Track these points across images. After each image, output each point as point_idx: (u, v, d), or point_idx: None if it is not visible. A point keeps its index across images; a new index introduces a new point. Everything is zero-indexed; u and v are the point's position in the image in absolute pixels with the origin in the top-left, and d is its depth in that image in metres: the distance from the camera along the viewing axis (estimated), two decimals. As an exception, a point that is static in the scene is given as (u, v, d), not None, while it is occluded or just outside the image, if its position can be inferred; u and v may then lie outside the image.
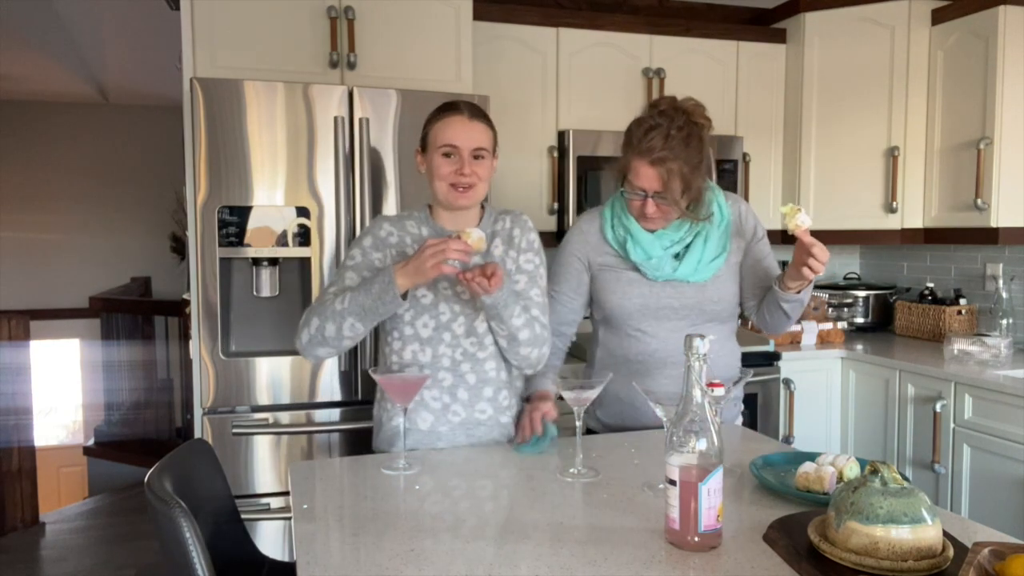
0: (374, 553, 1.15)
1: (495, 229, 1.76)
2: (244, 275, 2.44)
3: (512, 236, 1.76)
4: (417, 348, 1.69)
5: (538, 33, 3.07)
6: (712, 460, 1.12)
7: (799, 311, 1.78)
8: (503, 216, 1.79)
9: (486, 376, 1.72)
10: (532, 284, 1.73)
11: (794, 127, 3.39)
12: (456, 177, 1.65)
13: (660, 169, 1.67)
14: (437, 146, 1.66)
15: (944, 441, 2.72)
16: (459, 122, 1.66)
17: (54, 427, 6.96)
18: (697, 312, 1.82)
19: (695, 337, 1.18)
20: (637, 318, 1.82)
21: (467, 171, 1.64)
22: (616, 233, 1.83)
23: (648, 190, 1.71)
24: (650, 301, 1.81)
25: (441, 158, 1.65)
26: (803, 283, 1.70)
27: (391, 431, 1.74)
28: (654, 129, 1.68)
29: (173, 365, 5.44)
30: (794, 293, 1.72)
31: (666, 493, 1.16)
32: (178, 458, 1.47)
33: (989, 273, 3.26)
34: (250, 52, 2.47)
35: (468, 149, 1.65)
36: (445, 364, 1.69)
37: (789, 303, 1.75)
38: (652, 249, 1.78)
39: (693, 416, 1.14)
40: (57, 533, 3.95)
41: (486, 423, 1.73)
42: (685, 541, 1.14)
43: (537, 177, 3.09)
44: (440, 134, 1.66)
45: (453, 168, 1.65)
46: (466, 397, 1.71)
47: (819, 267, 1.60)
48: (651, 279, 1.80)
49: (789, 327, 1.86)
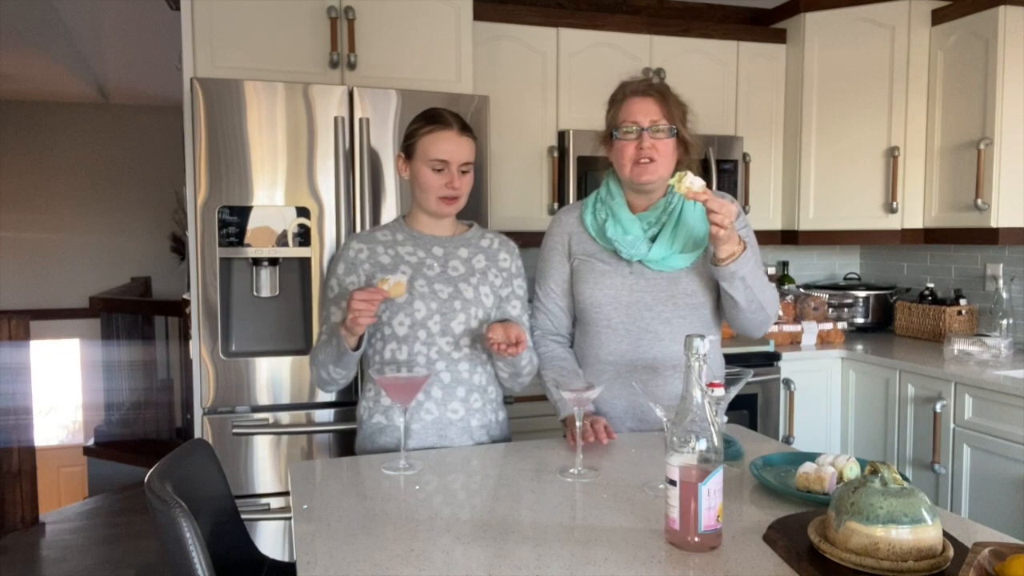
0: (374, 553, 1.15)
1: (480, 244, 1.82)
2: (244, 275, 2.44)
3: (498, 258, 1.82)
4: (395, 346, 1.73)
5: (538, 33, 3.07)
6: (712, 460, 1.12)
7: (745, 295, 1.67)
8: (490, 235, 1.85)
9: (460, 376, 1.75)
10: (525, 310, 1.85)
11: (794, 127, 3.39)
12: (445, 190, 1.71)
13: (656, 97, 1.70)
14: (427, 159, 1.70)
15: (944, 441, 2.72)
16: (449, 138, 1.70)
17: (54, 427, 6.96)
18: (671, 306, 1.75)
19: (695, 337, 1.18)
20: (608, 310, 1.78)
21: (456, 184, 1.71)
22: (596, 217, 1.80)
23: (643, 122, 1.69)
24: (622, 293, 1.77)
25: (430, 172, 1.71)
26: (731, 249, 1.61)
27: (371, 428, 1.78)
28: (637, 80, 1.77)
29: (173, 365, 5.44)
30: (725, 266, 1.62)
31: (666, 493, 1.16)
32: (178, 458, 1.47)
33: (989, 273, 3.26)
34: (250, 52, 2.47)
35: (457, 164, 1.71)
36: (420, 362, 1.72)
37: (727, 281, 1.65)
38: (631, 227, 1.74)
39: (693, 416, 1.14)
40: (57, 533, 3.95)
41: (457, 424, 1.75)
42: (685, 541, 1.14)
43: (537, 177, 3.09)
44: (430, 148, 1.70)
45: (443, 182, 1.71)
46: (439, 396, 1.74)
47: (722, 219, 1.53)
48: (625, 259, 1.76)
49: (752, 323, 1.74)
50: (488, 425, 1.80)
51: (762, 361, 2.96)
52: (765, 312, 1.73)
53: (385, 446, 1.75)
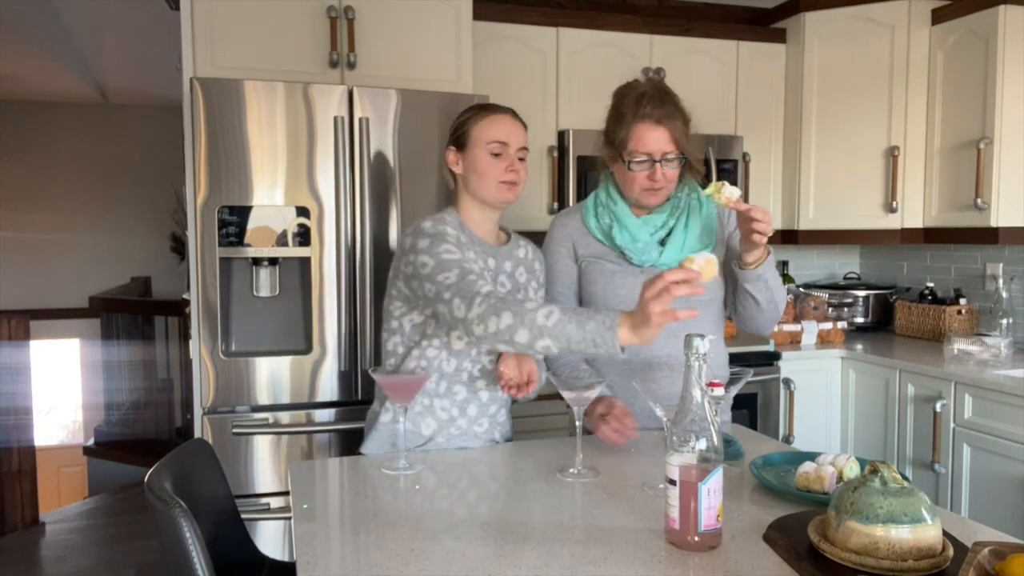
0: (374, 553, 1.15)
1: (519, 255, 1.77)
2: (244, 275, 2.44)
3: (535, 268, 1.79)
4: (445, 357, 1.66)
5: (538, 33, 3.07)
6: (712, 460, 1.12)
7: (766, 295, 1.72)
8: (523, 243, 1.80)
9: (496, 395, 1.73)
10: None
11: (794, 127, 3.39)
12: (507, 174, 1.64)
13: (668, 126, 1.65)
14: (485, 142, 1.64)
15: (944, 441, 2.72)
16: (507, 120, 1.67)
17: (54, 427, 6.96)
18: (682, 303, 1.72)
19: (695, 337, 1.18)
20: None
21: (516, 167, 1.65)
22: (600, 221, 1.79)
23: (656, 153, 1.66)
24: (635, 293, 1.74)
25: (489, 156, 1.64)
26: (760, 254, 1.66)
27: (391, 431, 1.72)
28: (645, 95, 1.66)
29: (173, 365, 5.44)
30: (752, 269, 1.67)
31: (666, 493, 1.16)
32: (178, 458, 1.47)
33: (989, 273, 3.26)
34: (250, 52, 2.47)
35: (516, 147, 1.66)
36: (463, 378, 1.69)
37: (752, 283, 1.70)
38: (639, 233, 1.74)
39: (693, 416, 1.14)
40: (57, 533, 3.95)
41: (480, 436, 1.74)
42: (685, 541, 1.14)
43: (537, 177, 3.09)
44: (487, 131, 1.64)
45: (503, 165, 1.64)
46: (474, 413, 1.71)
47: (765, 227, 1.56)
48: (636, 264, 1.76)
49: (767, 321, 1.79)
50: (503, 434, 1.80)
51: (762, 361, 2.96)
52: (778, 311, 1.78)
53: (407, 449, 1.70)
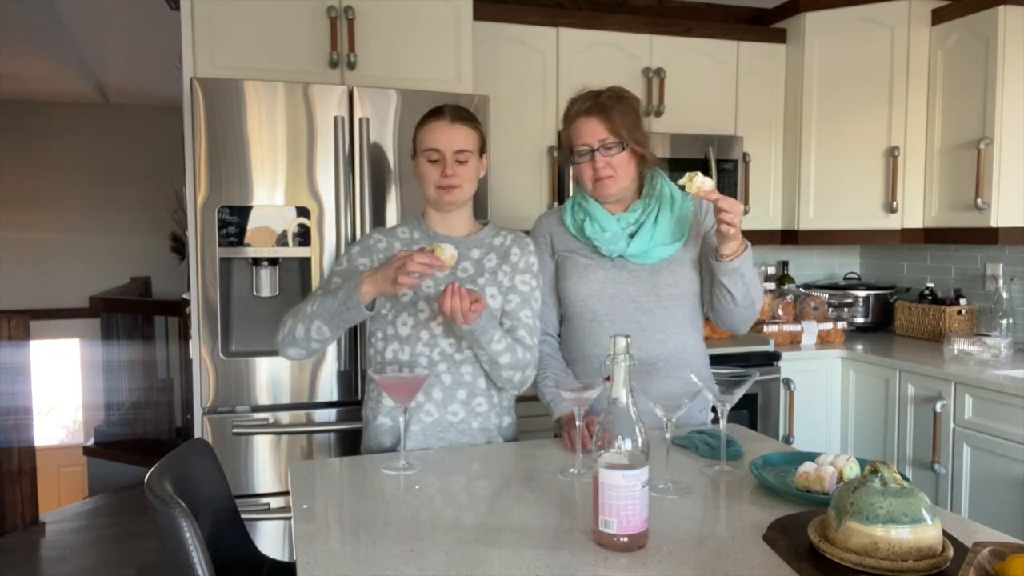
0: (374, 553, 1.15)
1: (493, 243, 1.81)
2: (244, 275, 2.44)
3: (510, 254, 1.80)
4: (397, 347, 1.73)
5: (538, 33, 3.07)
6: (637, 460, 1.13)
7: (742, 290, 1.72)
8: (505, 233, 1.84)
9: (461, 379, 1.74)
10: (524, 305, 1.78)
11: (794, 127, 3.39)
12: (441, 180, 1.72)
13: (600, 116, 1.74)
14: (422, 151, 1.73)
15: (944, 441, 2.72)
16: (440, 127, 1.72)
17: (54, 427, 6.96)
18: (654, 297, 1.80)
19: (620, 337, 1.19)
20: (593, 303, 1.81)
21: (449, 173, 1.71)
22: (575, 218, 1.85)
23: (593, 143, 1.75)
24: (606, 286, 1.81)
25: (427, 163, 1.73)
26: (736, 247, 1.67)
27: (376, 429, 1.77)
28: (581, 96, 1.80)
29: (173, 365, 5.44)
30: (728, 262, 1.68)
31: (593, 495, 1.16)
32: (178, 458, 1.47)
33: (989, 273, 3.26)
34: (250, 52, 2.47)
35: (450, 152, 1.71)
36: (422, 363, 1.72)
37: (727, 276, 1.70)
38: (608, 224, 1.79)
39: (617, 416, 1.16)
40: (57, 533, 3.95)
41: (457, 426, 1.74)
42: (613, 542, 1.14)
43: (537, 177, 3.09)
44: (424, 139, 1.74)
45: (438, 171, 1.72)
46: (440, 398, 1.73)
47: (732, 218, 1.59)
48: (606, 256, 1.81)
49: (743, 318, 1.79)
50: (489, 429, 1.77)
51: (762, 361, 2.96)
52: (754, 308, 1.79)
53: (391, 447, 1.75)
